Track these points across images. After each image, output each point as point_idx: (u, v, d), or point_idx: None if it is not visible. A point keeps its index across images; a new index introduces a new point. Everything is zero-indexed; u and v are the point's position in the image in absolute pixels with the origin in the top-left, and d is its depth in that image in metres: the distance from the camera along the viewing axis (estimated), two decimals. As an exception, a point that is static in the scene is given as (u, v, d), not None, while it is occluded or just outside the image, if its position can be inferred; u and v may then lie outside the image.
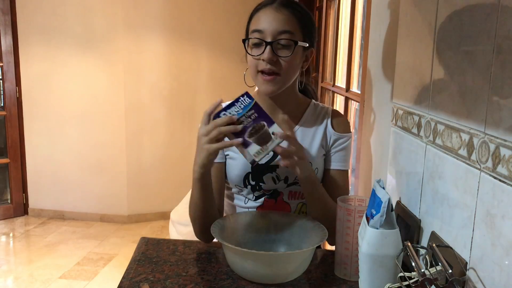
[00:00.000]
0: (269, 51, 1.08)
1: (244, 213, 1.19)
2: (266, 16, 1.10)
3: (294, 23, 1.10)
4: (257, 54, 1.10)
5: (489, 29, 0.75)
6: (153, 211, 4.26)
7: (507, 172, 0.69)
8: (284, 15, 1.09)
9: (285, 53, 1.09)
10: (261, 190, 1.20)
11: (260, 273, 0.97)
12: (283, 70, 1.10)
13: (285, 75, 1.12)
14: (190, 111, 4.20)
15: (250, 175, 1.18)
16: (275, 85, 1.12)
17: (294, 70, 1.14)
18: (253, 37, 1.10)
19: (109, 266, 3.31)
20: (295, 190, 1.21)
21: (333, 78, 2.78)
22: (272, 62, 1.09)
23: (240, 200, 1.23)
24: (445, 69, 0.93)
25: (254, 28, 1.11)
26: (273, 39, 1.08)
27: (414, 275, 0.83)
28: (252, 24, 1.13)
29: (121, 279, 0.99)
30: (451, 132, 0.88)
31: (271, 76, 1.10)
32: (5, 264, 3.31)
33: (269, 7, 1.11)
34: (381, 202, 0.84)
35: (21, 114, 4.15)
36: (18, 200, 4.25)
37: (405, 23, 1.18)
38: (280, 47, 1.09)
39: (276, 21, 1.09)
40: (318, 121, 1.22)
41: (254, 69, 1.12)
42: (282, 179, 1.18)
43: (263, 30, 1.09)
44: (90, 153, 4.14)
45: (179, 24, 4.09)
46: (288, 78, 1.13)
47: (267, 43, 1.08)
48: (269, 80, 1.10)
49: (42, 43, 4.01)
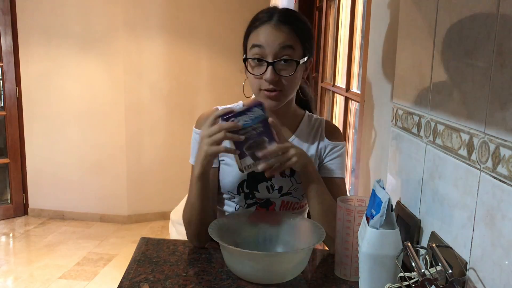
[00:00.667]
0: (271, 72, 1.07)
1: (242, 213, 1.18)
2: (265, 33, 1.08)
3: (294, 40, 1.09)
4: (258, 74, 1.09)
5: (489, 29, 0.75)
6: (153, 211, 4.26)
7: (507, 172, 0.69)
8: (284, 32, 1.07)
9: (287, 72, 1.09)
10: (254, 199, 1.19)
11: (256, 273, 0.97)
12: (285, 87, 1.10)
13: (287, 91, 1.12)
14: (190, 111, 4.20)
15: (245, 183, 1.18)
16: (278, 101, 1.12)
17: (296, 85, 1.14)
18: (253, 52, 1.09)
19: (109, 266, 3.31)
20: (288, 200, 1.20)
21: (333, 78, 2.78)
22: (274, 82, 1.08)
23: (231, 207, 1.22)
24: (445, 69, 0.93)
25: (254, 43, 1.09)
26: (274, 58, 1.07)
27: (414, 275, 0.83)
28: (251, 40, 1.11)
29: (121, 279, 0.99)
30: (451, 132, 0.88)
31: (274, 93, 1.10)
32: (5, 264, 3.31)
33: (268, 24, 1.08)
34: (381, 202, 0.84)
35: (21, 114, 4.15)
36: (18, 200, 4.25)
37: (405, 23, 1.18)
38: (281, 67, 1.08)
39: (276, 39, 1.07)
40: (313, 132, 1.22)
41: (256, 87, 1.12)
42: (276, 188, 1.18)
43: (264, 45, 1.07)
44: (90, 153, 4.14)
45: (179, 24, 4.09)
46: (290, 93, 1.14)
47: (268, 63, 1.07)
48: (272, 96, 1.10)
49: (42, 43, 4.01)
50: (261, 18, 1.11)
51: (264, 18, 1.10)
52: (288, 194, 1.19)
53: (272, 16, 1.09)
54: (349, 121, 2.36)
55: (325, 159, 1.21)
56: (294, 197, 1.19)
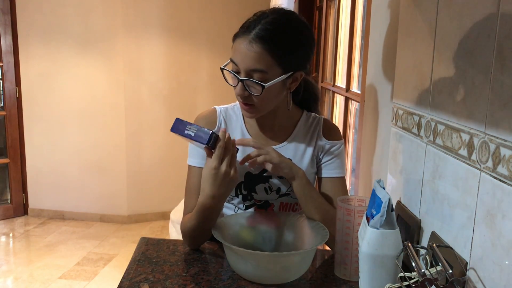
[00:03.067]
0: (241, 88, 1.07)
1: (244, 213, 1.18)
2: (240, 49, 1.05)
3: (267, 61, 1.03)
4: (232, 85, 1.11)
5: (490, 29, 0.75)
6: (153, 211, 4.26)
7: (507, 172, 0.69)
8: (256, 52, 1.03)
9: (255, 91, 1.07)
10: (252, 200, 1.19)
11: (261, 274, 0.97)
12: (257, 104, 1.09)
13: (260, 107, 1.11)
14: (190, 111, 4.19)
15: (243, 185, 1.18)
16: (252, 113, 1.12)
17: (271, 101, 1.11)
18: (229, 67, 1.10)
19: (109, 266, 3.31)
20: (286, 202, 1.20)
21: (333, 78, 2.78)
22: (244, 98, 1.08)
23: (230, 209, 1.22)
24: (445, 69, 0.93)
25: (232, 58, 1.09)
26: (245, 76, 1.06)
27: (414, 275, 0.83)
28: (232, 51, 1.10)
29: (121, 279, 0.99)
30: (451, 132, 0.88)
31: (247, 106, 1.10)
32: (5, 264, 3.31)
33: (245, 38, 1.05)
34: (381, 202, 0.84)
35: (21, 114, 4.15)
36: (18, 200, 4.24)
37: (405, 23, 1.18)
38: (251, 84, 1.06)
39: (248, 58, 1.04)
40: (310, 132, 1.21)
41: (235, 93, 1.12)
42: (274, 190, 1.18)
43: (237, 64, 1.07)
44: (90, 153, 4.13)
45: (179, 24, 4.09)
46: (265, 108, 1.12)
47: (239, 79, 1.07)
48: (246, 109, 1.11)
49: (42, 43, 4.01)
50: (244, 25, 1.08)
51: (245, 28, 1.07)
52: (286, 195, 1.19)
53: (253, 27, 1.05)
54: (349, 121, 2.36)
55: (323, 158, 1.21)
56: (293, 197, 1.19)
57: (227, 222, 1.11)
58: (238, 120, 1.21)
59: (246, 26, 1.07)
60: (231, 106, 1.24)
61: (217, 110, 1.22)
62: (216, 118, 1.21)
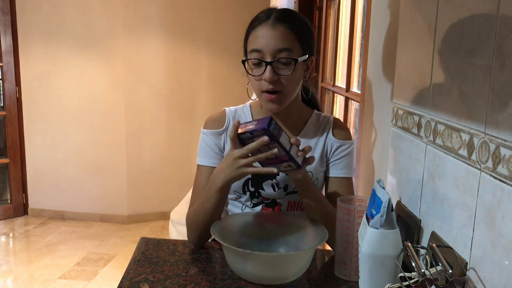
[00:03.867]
0: (270, 71, 1.07)
1: (243, 213, 1.18)
2: (263, 34, 1.08)
3: (292, 39, 1.08)
4: (258, 74, 1.09)
5: (490, 29, 0.75)
6: (153, 211, 4.26)
7: (507, 172, 0.69)
8: (281, 32, 1.07)
9: (286, 72, 1.08)
10: (260, 198, 1.19)
11: (260, 275, 0.97)
12: (286, 87, 1.10)
13: (288, 92, 1.12)
14: (190, 111, 4.19)
15: (250, 181, 1.18)
16: (279, 103, 1.12)
17: (296, 85, 1.14)
18: (252, 57, 1.09)
19: (109, 266, 3.31)
20: (295, 200, 1.20)
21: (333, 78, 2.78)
22: (273, 82, 1.08)
23: (237, 207, 1.22)
24: (445, 69, 0.93)
25: (252, 47, 1.09)
26: (273, 58, 1.07)
27: (414, 275, 0.83)
28: (250, 43, 1.11)
29: (121, 279, 0.99)
30: (451, 132, 0.88)
31: (275, 95, 1.10)
32: (5, 264, 3.31)
33: (265, 24, 1.08)
34: (381, 202, 0.84)
35: (21, 114, 4.15)
36: (18, 200, 4.24)
37: (405, 23, 1.18)
38: (280, 66, 1.08)
39: (273, 39, 1.07)
40: (320, 131, 1.22)
41: (258, 89, 1.12)
42: (281, 186, 1.18)
43: (262, 49, 1.07)
44: (90, 153, 4.13)
45: (179, 24, 4.09)
46: (291, 94, 1.13)
47: (267, 63, 1.07)
48: (274, 99, 1.11)
49: (42, 43, 4.01)
50: (259, 18, 1.11)
51: (262, 18, 1.10)
52: (294, 193, 1.19)
53: (269, 15, 1.10)
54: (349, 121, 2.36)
55: (331, 157, 1.20)
56: None
57: (227, 222, 1.11)
58: (247, 119, 1.22)
59: (261, 17, 1.11)
60: (240, 107, 1.25)
61: (226, 111, 1.23)
62: (225, 119, 1.22)
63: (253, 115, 1.23)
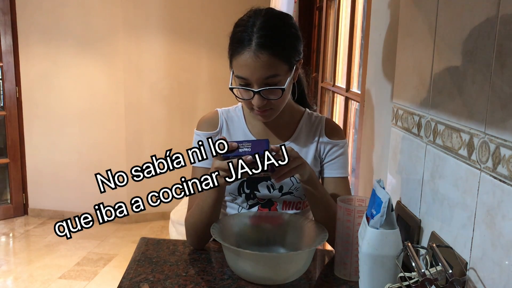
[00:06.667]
0: (258, 99, 1.06)
1: (243, 213, 1.18)
2: (247, 64, 1.03)
3: (276, 64, 1.04)
4: (247, 99, 1.09)
5: (489, 29, 0.75)
6: (153, 211, 4.26)
7: (507, 172, 0.69)
8: (264, 60, 1.02)
9: (274, 96, 1.07)
10: (255, 199, 1.19)
11: (260, 275, 0.97)
12: (276, 105, 1.10)
13: (279, 107, 1.12)
14: (190, 111, 4.19)
15: (245, 183, 1.18)
16: (270, 117, 1.13)
17: (286, 98, 1.13)
18: (239, 82, 1.08)
19: (109, 266, 3.31)
20: (290, 200, 1.20)
21: (333, 78, 2.78)
22: (263, 106, 1.08)
23: (233, 209, 1.22)
24: (445, 69, 0.93)
25: (238, 74, 1.07)
26: (260, 87, 1.05)
27: (414, 275, 0.83)
28: (235, 68, 1.08)
29: (121, 279, 0.99)
30: (451, 132, 0.88)
31: (265, 112, 1.10)
32: (5, 264, 3.31)
33: (247, 52, 1.03)
34: (381, 202, 0.84)
35: (21, 114, 4.14)
36: (18, 200, 4.24)
37: (405, 23, 1.18)
38: (267, 92, 1.06)
39: (257, 69, 1.03)
40: (312, 132, 1.21)
41: (247, 106, 1.12)
42: (277, 188, 1.18)
43: (247, 78, 1.05)
44: (90, 153, 4.13)
45: (179, 24, 4.09)
46: (282, 106, 1.13)
47: (254, 92, 1.06)
48: (265, 115, 1.11)
49: (42, 43, 4.01)
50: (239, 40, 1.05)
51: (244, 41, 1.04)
52: (289, 194, 1.19)
53: (250, 38, 1.03)
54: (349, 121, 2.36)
55: (325, 158, 1.20)
56: (296, 196, 1.19)
57: (226, 222, 1.11)
58: (240, 121, 1.22)
59: (241, 40, 1.05)
60: (232, 108, 1.25)
61: (218, 112, 1.23)
62: (218, 120, 1.22)
63: (245, 116, 1.23)
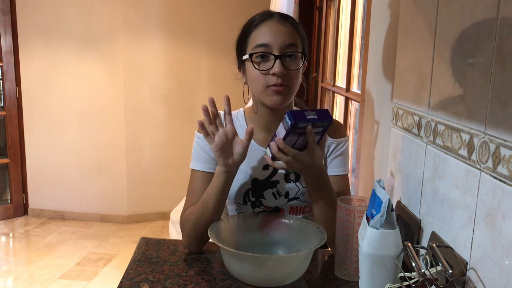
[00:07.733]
0: (280, 65, 1.07)
1: (241, 215, 1.18)
2: (270, 29, 1.09)
3: (296, 36, 1.11)
4: (265, 69, 1.08)
5: (489, 29, 0.75)
6: (153, 211, 4.26)
7: (507, 172, 0.69)
8: (288, 28, 1.10)
9: (294, 66, 1.09)
10: (262, 207, 1.18)
11: (256, 276, 0.96)
12: (292, 82, 1.10)
13: (293, 87, 1.12)
14: (190, 111, 4.19)
15: (250, 192, 1.17)
16: (285, 96, 1.10)
17: (299, 82, 1.14)
18: (259, 51, 1.09)
19: (109, 266, 3.31)
20: (296, 206, 1.19)
21: (333, 78, 2.78)
22: (282, 76, 1.08)
23: None
24: (445, 69, 0.93)
25: (258, 42, 1.09)
26: (282, 52, 1.07)
27: (414, 275, 0.83)
28: (254, 40, 1.10)
29: (121, 279, 0.99)
30: (451, 132, 0.88)
31: (281, 87, 1.09)
32: (5, 264, 3.31)
33: (270, 20, 1.10)
34: (381, 202, 0.84)
35: (21, 114, 4.14)
36: (18, 200, 4.24)
37: (405, 23, 1.18)
38: (288, 61, 1.08)
39: (282, 34, 1.08)
40: None
41: (263, 84, 1.10)
42: (282, 194, 1.17)
43: (270, 43, 1.07)
44: (90, 153, 4.13)
45: (179, 24, 4.09)
46: (295, 89, 1.13)
47: (276, 56, 1.07)
48: (280, 91, 1.09)
49: (42, 43, 4.01)
50: (258, 18, 1.12)
51: (265, 16, 1.12)
52: (295, 199, 1.18)
53: (272, 14, 1.12)
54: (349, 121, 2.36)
55: (328, 157, 1.20)
56: (302, 201, 1.18)
57: (224, 224, 1.10)
58: (241, 125, 1.21)
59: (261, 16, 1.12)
60: (234, 112, 1.24)
61: (220, 115, 1.22)
62: None
63: (247, 121, 1.22)
